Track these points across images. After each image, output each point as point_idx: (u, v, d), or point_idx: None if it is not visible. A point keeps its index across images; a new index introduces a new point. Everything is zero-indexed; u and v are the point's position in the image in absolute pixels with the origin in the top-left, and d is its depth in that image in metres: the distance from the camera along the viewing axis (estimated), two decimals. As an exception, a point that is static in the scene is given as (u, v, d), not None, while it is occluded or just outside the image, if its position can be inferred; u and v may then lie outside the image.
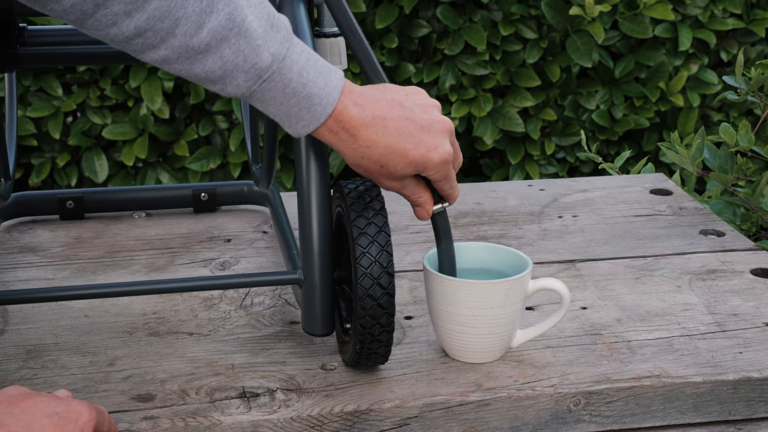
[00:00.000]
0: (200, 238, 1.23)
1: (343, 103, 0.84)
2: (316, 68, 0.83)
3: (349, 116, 0.84)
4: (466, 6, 2.22)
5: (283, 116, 0.83)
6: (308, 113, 0.83)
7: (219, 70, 0.79)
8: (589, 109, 2.30)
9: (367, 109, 0.85)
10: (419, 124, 0.86)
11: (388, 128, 0.85)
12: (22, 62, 1.07)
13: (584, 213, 1.30)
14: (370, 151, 0.85)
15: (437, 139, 0.87)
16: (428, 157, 0.86)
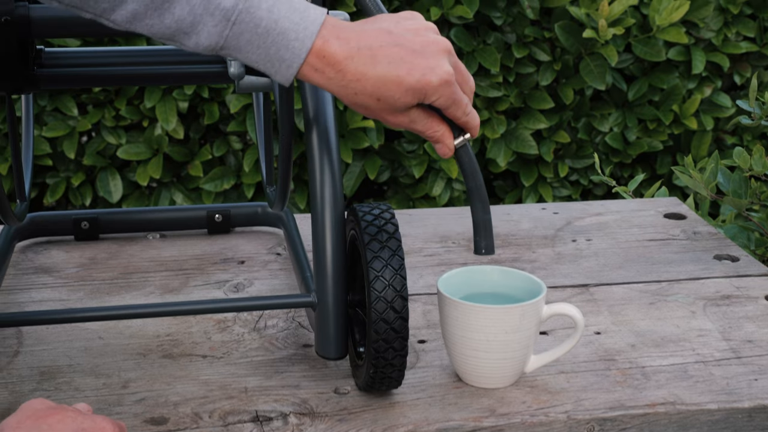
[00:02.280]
0: (214, 259, 1.23)
1: (324, 37, 0.78)
2: (290, 4, 0.78)
3: (331, 51, 0.79)
4: (479, 28, 2.23)
5: (265, 62, 0.79)
6: (287, 51, 0.78)
7: (189, 17, 0.76)
8: (603, 131, 2.30)
9: (352, 41, 0.79)
10: (411, 49, 0.80)
11: (377, 57, 0.79)
12: (40, 84, 1.07)
13: (598, 237, 1.30)
14: (361, 84, 0.80)
15: (433, 60, 0.81)
16: (425, 81, 0.80)
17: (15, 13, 1.00)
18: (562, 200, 2.34)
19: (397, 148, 2.28)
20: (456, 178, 2.26)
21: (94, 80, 1.12)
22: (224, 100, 2.21)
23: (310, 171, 0.96)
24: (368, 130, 2.21)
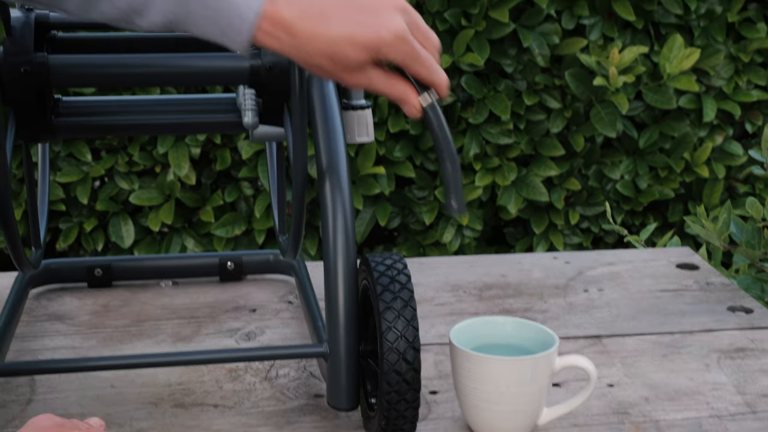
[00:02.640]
0: (226, 307, 1.23)
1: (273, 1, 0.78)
2: None
3: (281, 14, 0.78)
4: (490, 75, 2.24)
5: (218, 33, 0.78)
6: (237, 19, 0.77)
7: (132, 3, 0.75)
8: (614, 179, 2.31)
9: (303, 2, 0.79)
10: (362, 7, 0.80)
11: (328, 18, 0.79)
12: (57, 133, 1.08)
13: (610, 287, 1.30)
14: (313, 45, 0.79)
15: (385, 17, 0.80)
16: (378, 37, 0.79)
17: (34, 64, 1.01)
18: (573, 248, 2.33)
19: (408, 195, 2.28)
20: (467, 226, 2.27)
21: (110, 129, 1.13)
22: (236, 146, 2.22)
23: (323, 220, 0.96)
24: (379, 177, 2.21)
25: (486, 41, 2.14)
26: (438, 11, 2.14)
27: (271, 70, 1.04)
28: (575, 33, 2.26)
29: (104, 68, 1.04)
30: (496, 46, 2.19)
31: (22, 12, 1.05)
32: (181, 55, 1.07)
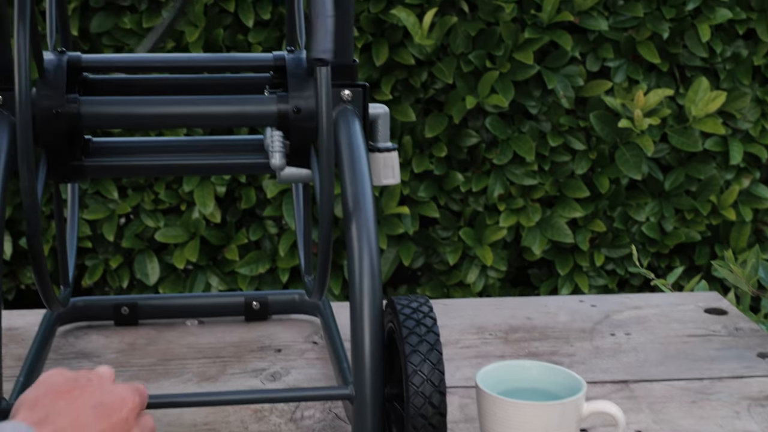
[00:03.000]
0: (251, 347, 1.23)
1: None
2: None
3: None
4: (514, 117, 2.25)
5: None
6: None
7: None
8: (639, 221, 2.30)
9: None
10: None
11: None
12: (87, 174, 1.09)
13: (637, 331, 1.29)
14: None
15: None
16: None
17: (66, 107, 1.02)
18: (599, 290, 2.32)
19: (432, 235, 2.28)
20: (491, 266, 2.26)
21: (139, 170, 1.14)
22: (261, 185, 2.23)
23: (350, 261, 0.96)
24: (403, 217, 2.22)
25: (510, 83, 2.15)
26: (462, 53, 2.15)
27: (298, 113, 1.05)
28: (600, 75, 2.26)
29: (134, 110, 1.05)
30: (521, 87, 2.20)
31: (55, 54, 1.06)
32: (210, 97, 1.08)
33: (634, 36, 2.21)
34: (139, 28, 2.09)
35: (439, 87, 2.20)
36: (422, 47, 2.11)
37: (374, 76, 2.17)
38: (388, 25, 2.14)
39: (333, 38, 0.86)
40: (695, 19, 2.22)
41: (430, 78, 2.19)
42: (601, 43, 2.22)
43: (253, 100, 1.07)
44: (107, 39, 2.12)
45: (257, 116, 1.07)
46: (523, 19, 2.17)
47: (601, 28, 2.16)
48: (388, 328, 0.96)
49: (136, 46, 1.10)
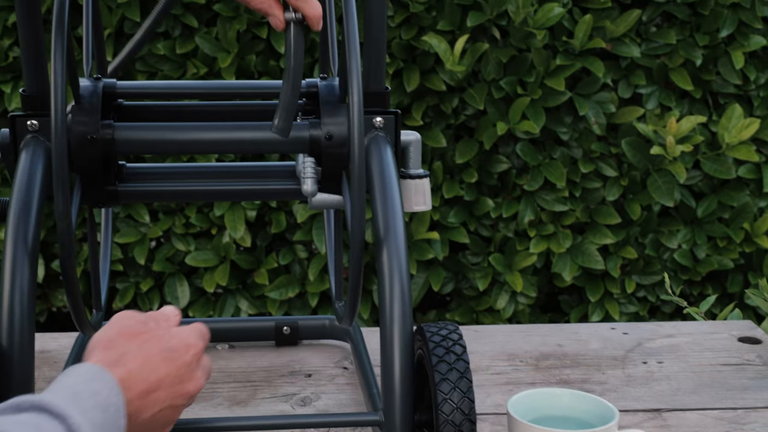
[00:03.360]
0: (281, 372, 1.23)
1: None
2: None
3: None
4: (545, 143, 2.24)
5: None
6: None
7: None
8: (671, 248, 2.29)
9: None
10: None
11: None
12: (121, 199, 1.10)
13: (670, 359, 1.28)
14: None
15: None
16: None
17: (100, 132, 1.03)
18: (629, 317, 2.31)
19: (462, 260, 2.28)
20: (521, 292, 2.25)
21: (172, 196, 1.15)
22: (291, 209, 2.24)
23: (380, 288, 0.96)
24: (433, 242, 2.22)
25: (542, 109, 2.15)
26: (494, 79, 2.15)
27: (330, 139, 1.06)
28: (632, 102, 2.26)
29: (168, 136, 1.06)
30: (552, 113, 2.20)
31: (91, 81, 1.07)
32: (242, 124, 1.09)
33: (666, 63, 2.21)
34: (172, 54, 2.11)
35: (470, 113, 2.20)
36: (453, 73, 2.11)
37: (405, 102, 2.17)
38: (419, 52, 2.15)
39: None
40: (729, 46, 2.21)
41: (461, 104, 2.19)
42: (634, 69, 2.22)
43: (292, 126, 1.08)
44: (140, 65, 2.14)
45: (290, 142, 1.07)
46: (554, 45, 2.17)
47: (633, 54, 2.16)
48: (417, 354, 0.96)
49: None
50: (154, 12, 1.17)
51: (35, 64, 1.02)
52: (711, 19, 2.19)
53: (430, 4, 2.12)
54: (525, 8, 2.05)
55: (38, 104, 1.03)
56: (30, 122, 1.02)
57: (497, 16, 2.12)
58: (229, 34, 2.10)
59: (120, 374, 0.76)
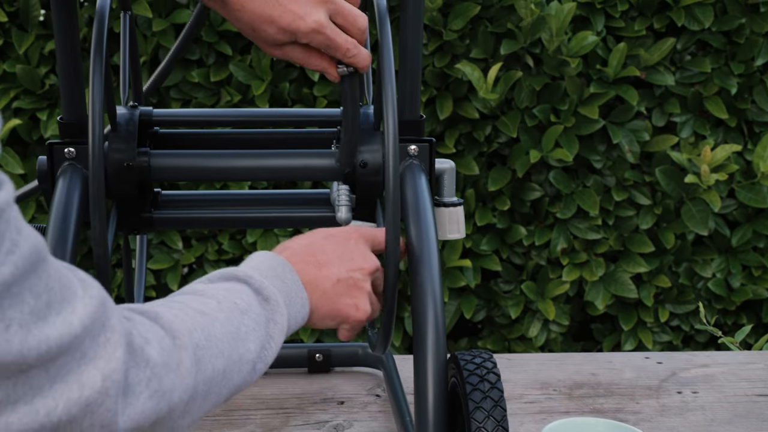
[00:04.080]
0: (314, 399, 1.23)
1: None
2: None
3: None
4: (578, 171, 2.24)
5: None
6: None
7: None
8: (705, 277, 2.27)
9: None
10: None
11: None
12: (156, 225, 1.11)
13: (705, 389, 1.27)
14: (240, 14, 0.91)
15: (306, 8, 0.91)
16: (296, 25, 0.91)
17: (137, 159, 1.04)
18: (663, 346, 2.29)
19: (494, 288, 2.27)
20: (553, 320, 2.24)
21: (207, 223, 1.16)
22: (325, 236, 2.24)
23: (414, 315, 0.96)
24: (465, 270, 2.21)
25: (575, 137, 2.14)
26: (527, 107, 2.15)
27: (365, 167, 1.06)
28: (666, 130, 2.25)
29: (203, 164, 1.07)
30: (585, 141, 2.19)
31: (127, 108, 1.09)
32: (277, 151, 1.10)
33: (701, 91, 2.20)
34: (207, 82, 2.13)
35: (502, 141, 2.20)
36: (486, 101, 2.12)
37: (438, 130, 2.18)
38: (452, 79, 2.16)
39: None
40: (764, 75, 2.20)
41: (493, 131, 2.20)
42: (668, 98, 2.21)
43: (320, 154, 1.08)
44: (175, 92, 2.16)
45: (325, 170, 1.08)
46: (588, 73, 2.17)
47: (667, 83, 2.15)
48: (451, 382, 0.95)
49: None
50: (183, 34, 1.18)
51: (73, 92, 1.04)
52: (746, 47, 2.18)
53: (463, 32, 2.13)
54: (559, 36, 2.06)
55: (76, 132, 1.04)
56: (67, 149, 1.03)
57: (531, 44, 2.12)
58: (263, 62, 2.11)
59: (286, 255, 0.89)
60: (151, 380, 0.65)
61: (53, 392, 0.59)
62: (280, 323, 0.82)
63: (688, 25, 2.16)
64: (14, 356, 0.56)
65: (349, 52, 0.95)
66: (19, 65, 2.08)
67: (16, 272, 0.55)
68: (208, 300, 0.77)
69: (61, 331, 0.59)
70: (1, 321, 0.55)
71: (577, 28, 2.15)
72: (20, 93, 2.12)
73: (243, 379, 0.77)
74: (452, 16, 2.10)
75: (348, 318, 0.91)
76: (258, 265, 0.85)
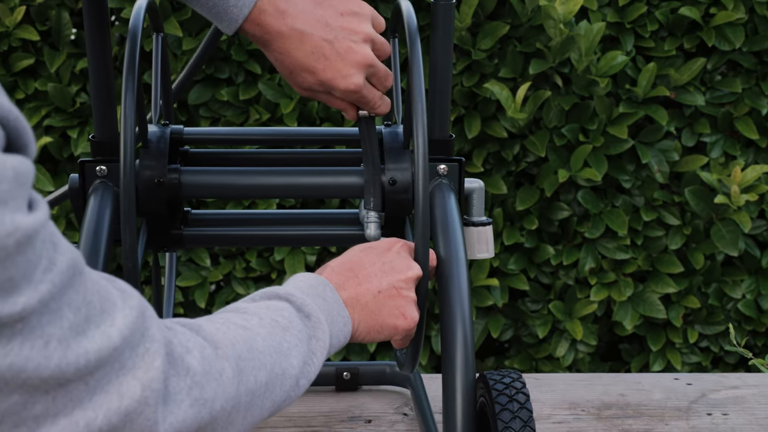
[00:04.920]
0: (341, 417, 1.23)
1: (261, 7, 0.89)
2: None
3: (266, 22, 0.90)
4: (607, 191, 2.23)
5: (207, 14, 0.90)
6: (226, 15, 0.89)
7: None
8: (735, 298, 2.25)
9: (288, 18, 0.90)
10: (336, 50, 0.92)
11: (304, 44, 0.91)
12: (185, 243, 1.12)
13: (735, 412, 1.26)
14: (282, 58, 0.92)
15: (348, 68, 0.93)
16: (336, 83, 0.93)
17: (167, 177, 1.05)
18: (692, 367, 2.27)
19: (521, 308, 2.26)
20: (581, 340, 2.23)
21: (236, 241, 1.16)
22: (352, 254, 2.25)
23: (443, 335, 0.96)
24: (492, 289, 2.21)
25: (604, 157, 2.14)
26: (555, 126, 2.15)
27: (394, 185, 1.06)
28: (696, 150, 2.24)
29: (233, 181, 1.08)
30: (614, 161, 2.19)
31: (159, 127, 1.09)
32: (306, 169, 1.10)
33: (731, 111, 2.19)
34: (235, 100, 2.15)
35: (531, 160, 2.20)
36: (515, 120, 2.12)
37: (466, 149, 2.18)
38: (481, 99, 2.16)
39: None
40: (793, 94, 2.19)
41: (522, 151, 2.19)
42: (698, 118, 2.20)
43: (348, 172, 1.09)
44: (204, 110, 2.18)
45: (354, 187, 1.08)
46: (617, 93, 2.16)
47: (697, 103, 2.15)
48: (479, 402, 0.95)
49: None
50: (200, 48, 1.20)
51: (105, 110, 1.05)
52: (776, 67, 2.17)
53: (492, 52, 2.13)
54: (588, 56, 2.05)
55: (107, 150, 1.05)
56: (99, 167, 1.04)
57: (560, 64, 2.12)
58: (292, 81, 2.12)
59: (326, 275, 0.91)
60: (192, 388, 0.66)
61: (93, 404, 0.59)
62: (322, 340, 0.82)
63: (718, 45, 2.15)
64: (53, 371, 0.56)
65: (376, 104, 0.98)
66: (50, 83, 2.10)
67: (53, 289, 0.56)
68: (249, 317, 0.77)
69: (100, 345, 0.59)
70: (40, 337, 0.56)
71: (607, 47, 2.14)
72: (51, 111, 2.14)
73: (286, 393, 0.77)
74: (481, 35, 2.11)
75: (396, 329, 0.92)
76: (299, 284, 0.86)
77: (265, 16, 0.89)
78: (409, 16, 0.99)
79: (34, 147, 0.57)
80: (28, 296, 0.55)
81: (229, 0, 0.89)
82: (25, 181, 0.54)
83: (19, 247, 0.53)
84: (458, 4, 2.05)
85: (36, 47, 2.15)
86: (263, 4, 0.89)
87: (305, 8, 0.91)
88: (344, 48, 0.92)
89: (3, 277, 0.53)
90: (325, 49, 0.92)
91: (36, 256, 0.55)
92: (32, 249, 0.54)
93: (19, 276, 0.54)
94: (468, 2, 2.04)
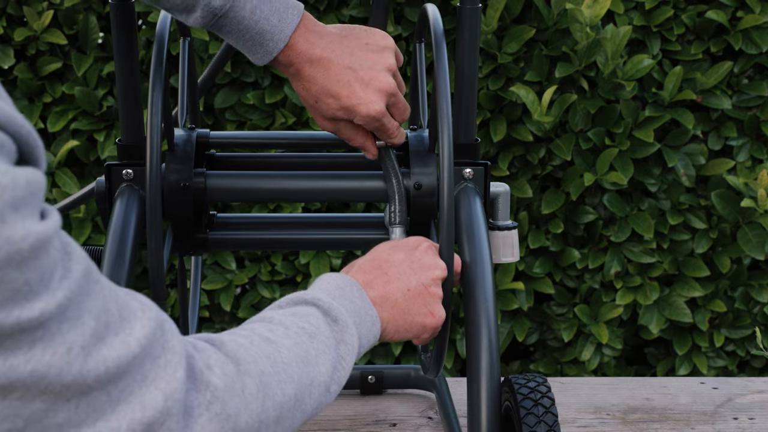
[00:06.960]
0: (366, 420, 1.24)
1: (296, 39, 0.94)
2: (271, 6, 0.92)
3: (298, 50, 0.94)
4: (633, 194, 2.22)
5: (242, 47, 0.94)
6: (261, 48, 0.93)
7: (182, 4, 0.91)
8: (761, 302, 2.24)
9: (317, 48, 0.94)
10: (360, 77, 0.95)
11: (330, 71, 0.95)
12: (210, 246, 1.12)
13: (762, 416, 1.25)
14: (309, 86, 0.96)
15: (371, 95, 0.96)
16: (358, 109, 0.96)
17: (193, 180, 1.05)
18: (718, 371, 2.26)
19: (547, 311, 2.26)
20: (606, 344, 2.22)
21: (261, 244, 1.17)
22: (377, 258, 2.25)
23: (468, 338, 0.96)
24: (518, 292, 2.20)
25: (630, 160, 2.13)
26: (581, 130, 2.15)
27: (419, 189, 1.06)
28: (722, 154, 2.23)
29: (258, 185, 1.08)
30: (640, 165, 2.18)
31: (185, 131, 1.10)
32: (331, 173, 1.10)
33: (758, 115, 2.18)
34: (261, 104, 2.15)
35: (557, 163, 2.20)
36: (541, 124, 2.11)
37: (492, 152, 2.18)
38: (506, 102, 2.16)
39: None
40: (821, 97, 2.18)
41: (547, 154, 2.19)
42: (724, 121, 2.19)
43: (373, 176, 1.09)
44: (230, 114, 2.19)
45: (379, 192, 1.08)
46: (644, 97, 2.16)
47: (724, 106, 2.13)
48: (504, 406, 0.95)
49: None
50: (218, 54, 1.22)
51: (132, 114, 1.05)
52: (804, 70, 2.16)
53: (518, 56, 2.13)
54: (614, 60, 2.05)
55: (134, 153, 1.05)
56: (125, 171, 1.04)
57: (586, 68, 2.12)
58: (317, 85, 2.13)
59: (353, 273, 0.91)
60: (212, 403, 0.66)
61: (116, 414, 0.60)
62: (351, 344, 0.82)
63: (745, 49, 2.14)
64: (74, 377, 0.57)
65: (393, 134, 1.01)
66: (77, 87, 2.12)
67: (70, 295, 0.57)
68: (275, 327, 0.78)
69: (119, 353, 0.60)
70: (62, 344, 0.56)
71: (633, 51, 2.14)
72: (78, 114, 2.16)
73: (317, 401, 0.78)
74: (507, 39, 2.11)
75: (425, 327, 0.92)
76: (326, 287, 0.86)
77: (297, 45, 0.94)
78: (436, 20, 0.99)
79: (44, 162, 0.58)
80: (46, 302, 0.55)
81: (265, 35, 0.92)
82: (38, 191, 0.55)
83: (33, 251, 0.54)
84: (484, 7, 2.05)
85: (63, 51, 2.17)
86: (299, 35, 0.94)
87: (332, 39, 0.96)
88: (368, 76, 0.96)
89: (20, 281, 0.54)
90: (349, 76, 0.95)
91: (51, 262, 0.56)
92: (47, 254, 0.55)
93: (35, 281, 0.55)
94: (494, 6, 2.04)
